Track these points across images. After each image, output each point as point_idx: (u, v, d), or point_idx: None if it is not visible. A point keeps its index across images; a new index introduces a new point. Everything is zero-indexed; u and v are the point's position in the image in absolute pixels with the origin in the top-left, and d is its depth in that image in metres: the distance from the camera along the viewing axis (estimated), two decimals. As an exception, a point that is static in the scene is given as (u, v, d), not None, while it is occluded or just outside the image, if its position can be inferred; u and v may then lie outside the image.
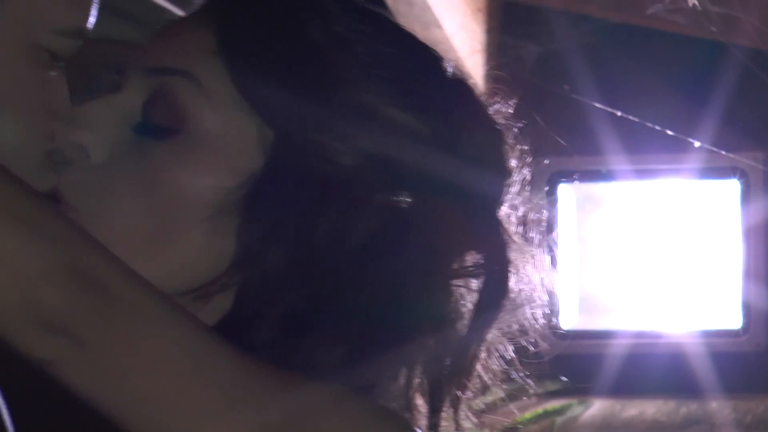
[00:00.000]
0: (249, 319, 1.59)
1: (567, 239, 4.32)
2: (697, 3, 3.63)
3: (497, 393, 1.74)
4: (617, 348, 3.90)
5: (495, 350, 1.68)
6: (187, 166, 1.59)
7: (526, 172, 1.70)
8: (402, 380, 1.61)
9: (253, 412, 1.44)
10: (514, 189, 1.70)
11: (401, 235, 1.61)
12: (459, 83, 1.67)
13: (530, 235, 1.70)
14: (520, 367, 1.70)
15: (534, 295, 1.68)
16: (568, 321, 4.02)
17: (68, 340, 1.34)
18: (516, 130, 1.69)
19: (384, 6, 1.72)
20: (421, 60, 1.67)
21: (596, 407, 3.83)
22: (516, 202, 1.71)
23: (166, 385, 1.39)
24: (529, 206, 1.72)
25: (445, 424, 1.65)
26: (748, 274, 4.41)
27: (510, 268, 1.62)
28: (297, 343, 1.57)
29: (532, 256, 1.68)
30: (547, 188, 3.75)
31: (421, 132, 1.62)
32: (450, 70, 1.67)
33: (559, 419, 3.86)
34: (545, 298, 1.69)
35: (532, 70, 3.73)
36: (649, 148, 4.27)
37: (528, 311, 1.71)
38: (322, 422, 1.46)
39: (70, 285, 1.35)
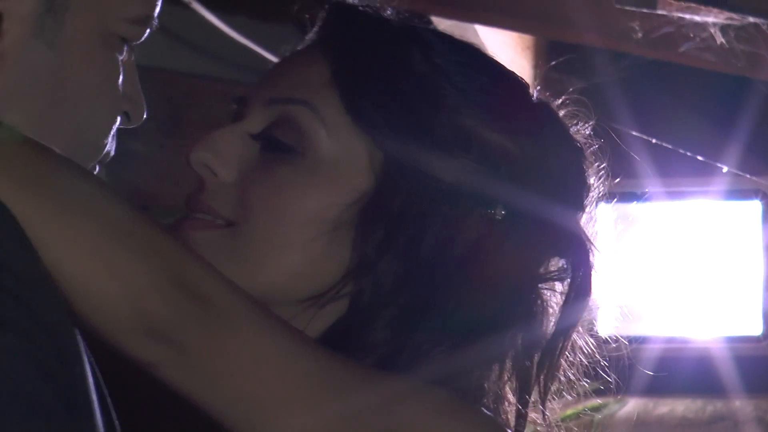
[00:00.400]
0: (363, 321, 1.61)
1: (607, 254, 4.36)
2: (724, 42, 3.65)
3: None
4: (650, 352, 3.90)
5: (577, 348, 1.71)
6: (309, 185, 1.61)
7: (603, 187, 1.72)
8: (494, 374, 1.64)
9: (338, 406, 1.46)
10: (593, 201, 1.73)
11: (496, 243, 1.62)
12: (543, 107, 1.69)
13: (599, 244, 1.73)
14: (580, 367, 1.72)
15: (600, 300, 1.72)
16: (607, 327, 4.10)
17: (171, 346, 1.37)
18: (593, 148, 1.71)
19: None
20: (510, 87, 1.69)
21: (631, 405, 3.88)
22: (594, 213, 1.72)
23: (258, 385, 1.41)
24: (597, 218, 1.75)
25: (533, 415, 1.68)
26: (767, 287, 4.41)
27: (593, 273, 1.66)
28: (405, 341, 1.59)
29: (604, 264, 1.71)
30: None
31: (512, 151, 1.63)
32: (535, 95, 1.70)
33: (598, 416, 3.91)
34: (609, 303, 1.74)
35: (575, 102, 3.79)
36: (680, 172, 4.29)
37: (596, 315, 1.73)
38: (404, 413, 1.48)
39: (174, 297, 1.37)
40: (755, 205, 4.42)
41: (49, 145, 1.38)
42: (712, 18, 3.72)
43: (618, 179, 1.85)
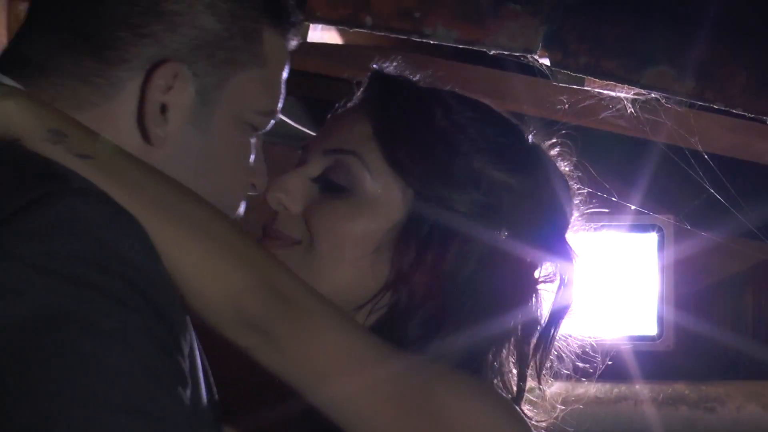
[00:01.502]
0: (400, 321, 1.63)
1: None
2: (634, 112, 3.64)
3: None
4: (573, 346, 3.88)
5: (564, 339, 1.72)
6: (357, 216, 1.64)
7: (583, 209, 1.74)
8: (500, 357, 1.66)
9: (389, 380, 1.47)
10: (576, 220, 1.73)
11: (502, 257, 1.63)
12: (536, 149, 1.71)
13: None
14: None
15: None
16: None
17: (262, 335, 1.40)
18: (575, 179, 1.73)
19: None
20: (510, 134, 1.70)
21: (556, 386, 3.94)
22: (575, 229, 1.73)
23: (329, 364, 1.43)
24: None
25: (531, 384, 1.70)
26: (662, 299, 4.43)
27: (576, 275, 1.68)
28: (433, 336, 1.61)
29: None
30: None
31: (513, 185, 1.65)
32: (530, 139, 1.71)
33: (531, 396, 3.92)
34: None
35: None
36: (598, 210, 4.21)
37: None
38: (438, 389, 1.50)
39: (265, 297, 1.40)
40: (653, 237, 4.43)
41: None
42: (624, 93, 3.63)
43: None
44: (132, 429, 1.17)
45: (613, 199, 3.88)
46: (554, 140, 1.72)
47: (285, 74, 1.47)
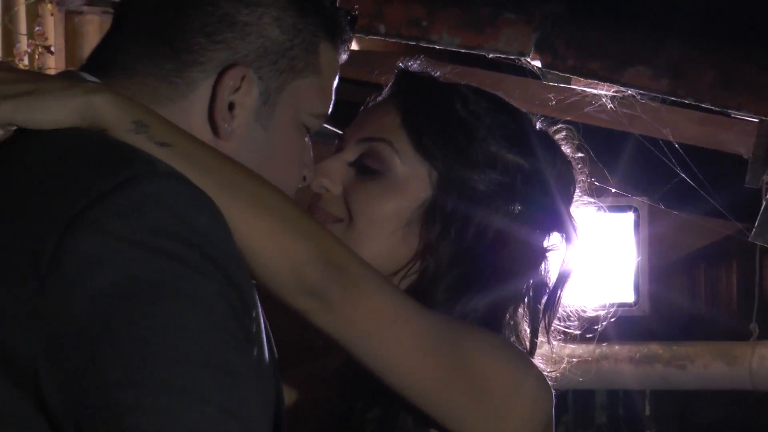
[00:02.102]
0: (428, 287, 1.62)
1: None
2: (614, 107, 3.65)
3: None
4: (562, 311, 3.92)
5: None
6: (389, 196, 1.64)
7: (585, 185, 1.74)
8: (516, 316, 1.64)
9: (427, 334, 1.47)
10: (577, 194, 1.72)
11: (516, 229, 1.63)
12: (544, 134, 1.69)
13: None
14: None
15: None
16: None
17: (319, 300, 1.40)
18: (577, 160, 1.72)
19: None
20: (521, 122, 1.68)
21: (545, 347, 3.94)
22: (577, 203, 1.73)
23: (379, 324, 1.44)
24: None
25: (541, 339, 1.67)
26: (638, 271, 4.43)
27: (579, 243, 1.67)
28: (457, 298, 1.60)
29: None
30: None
31: (524, 166, 1.64)
32: (538, 126, 1.70)
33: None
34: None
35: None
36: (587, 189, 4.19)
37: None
38: (466, 342, 1.50)
39: (323, 267, 1.39)
40: (630, 216, 4.43)
41: None
42: (605, 91, 3.67)
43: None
44: (209, 382, 1.17)
45: (595, 183, 3.69)
46: (560, 127, 1.73)
47: (335, 83, 1.49)
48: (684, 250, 5.56)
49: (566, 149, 1.71)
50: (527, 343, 1.65)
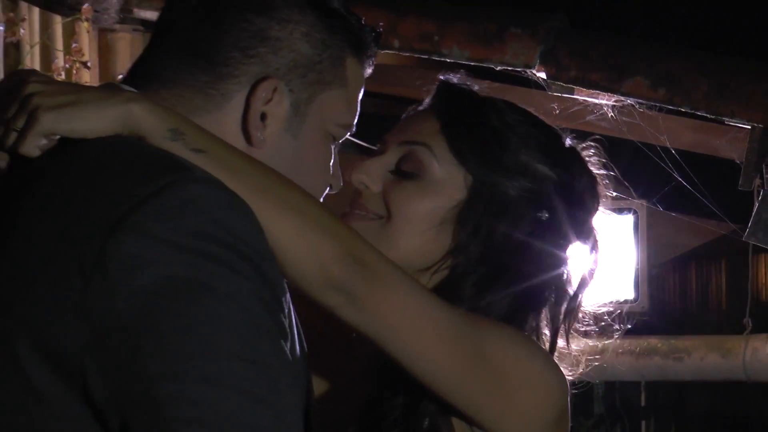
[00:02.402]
0: (457, 283, 1.62)
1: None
2: (614, 115, 3.64)
3: None
4: None
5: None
6: (425, 196, 1.63)
7: (608, 201, 1.73)
8: (538, 318, 1.64)
9: (450, 327, 1.47)
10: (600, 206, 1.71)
11: (542, 234, 1.63)
12: (572, 149, 1.69)
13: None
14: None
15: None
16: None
17: (346, 296, 1.39)
18: (602, 175, 1.71)
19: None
20: (551, 135, 1.68)
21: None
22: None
23: (403, 319, 1.44)
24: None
25: (561, 343, 1.65)
26: (637, 269, 4.40)
27: (599, 251, 1.67)
28: (484, 295, 1.60)
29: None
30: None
31: (552, 177, 1.63)
32: (567, 142, 1.69)
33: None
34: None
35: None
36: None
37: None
38: (488, 336, 1.51)
39: (348, 265, 1.39)
40: (629, 218, 4.42)
41: None
42: (605, 100, 3.65)
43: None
44: (245, 374, 1.18)
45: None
46: (588, 144, 1.72)
47: (361, 95, 1.49)
48: (680, 249, 5.52)
49: (594, 168, 1.71)
50: (547, 345, 1.64)
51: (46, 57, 3.25)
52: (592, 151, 1.72)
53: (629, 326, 1.81)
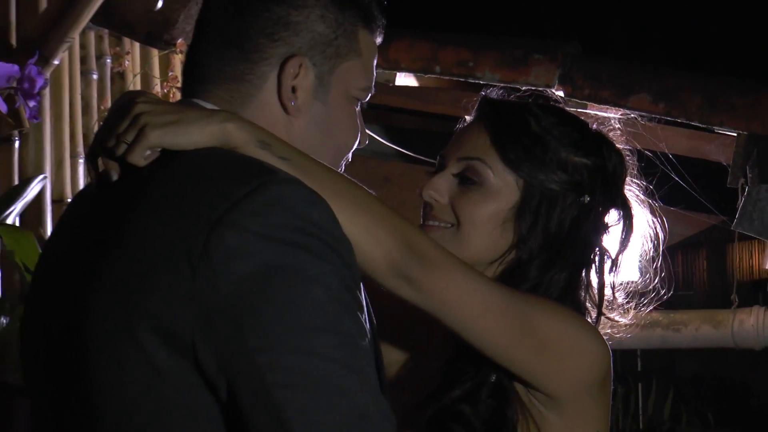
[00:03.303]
0: (521, 269, 1.60)
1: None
2: (620, 126, 3.43)
3: None
4: None
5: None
6: (486, 201, 1.61)
7: (634, 170, 1.69)
8: (586, 296, 1.62)
9: (502, 303, 1.46)
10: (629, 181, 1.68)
11: (586, 215, 1.61)
12: (600, 135, 1.67)
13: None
14: None
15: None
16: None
17: (406, 279, 1.39)
18: (629, 154, 1.69)
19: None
20: (582, 128, 1.65)
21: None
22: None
23: (455, 297, 1.42)
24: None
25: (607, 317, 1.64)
26: (641, 255, 4.42)
27: (633, 220, 1.65)
28: (545, 275, 1.59)
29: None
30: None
31: (589, 164, 1.62)
32: (594, 128, 1.67)
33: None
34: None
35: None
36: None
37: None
38: (533, 310, 1.48)
39: (408, 253, 1.38)
40: None
41: (322, 159, 1.36)
42: (613, 113, 3.46)
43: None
44: (331, 344, 1.18)
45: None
46: (610, 126, 1.71)
47: (375, 61, 1.45)
48: (676, 238, 5.51)
49: (619, 144, 1.69)
50: (592, 316, 1.63)
51: (146, 84, 3.25)
52: (617, 130, 1.70)
53: (665, 299, 1.78)
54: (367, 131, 1.51)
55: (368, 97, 1.44)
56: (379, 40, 1.44)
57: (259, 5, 1.36)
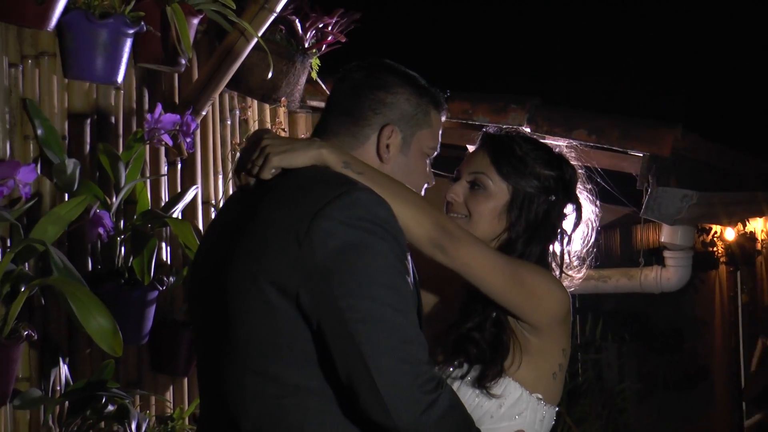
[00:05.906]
0: (513, 243, 1.53)
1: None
2: (566, 151, 3.65)
3: None
4: None
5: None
6: (488, 202, 1.54)
7: (583, 179, 1.62)
8: (553, 259, 1.56)
9: (501, 265, 1.39)
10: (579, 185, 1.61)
11: (553, 208, 1.56)
12: (561, 156, 1.60)
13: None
14: None
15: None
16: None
17: (440, 249, 1.34)
18: (579, 168, 1.61)
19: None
20: (549, 151, 1.58)
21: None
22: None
23: (474, 260, 1.37)
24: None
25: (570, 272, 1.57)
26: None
27: (582, 211, 1.60)
28: (527, 247, 1.53)
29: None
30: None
31: (553, 175, 1.56)
32: (557, 151, 1.60)
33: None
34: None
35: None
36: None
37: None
38: (523, 269, 1.43)
39: (440, 231, 1.33)
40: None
41: None
42: (562, 142, 3.28)
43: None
44: (389, 295, 1.15)
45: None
46: (568, 148, 1.63)
47: (440, 130, 1.41)
48: (600, 223, 5.40)
49: (574, 162, 1.64)
50: (557, 273, 1.58)
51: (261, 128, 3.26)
52: (572, 153, 1.64)
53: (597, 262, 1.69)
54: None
55: (435, 154, 1.39)
56: (443, 117, 1.39)
57: (368, 91, 1.33)
